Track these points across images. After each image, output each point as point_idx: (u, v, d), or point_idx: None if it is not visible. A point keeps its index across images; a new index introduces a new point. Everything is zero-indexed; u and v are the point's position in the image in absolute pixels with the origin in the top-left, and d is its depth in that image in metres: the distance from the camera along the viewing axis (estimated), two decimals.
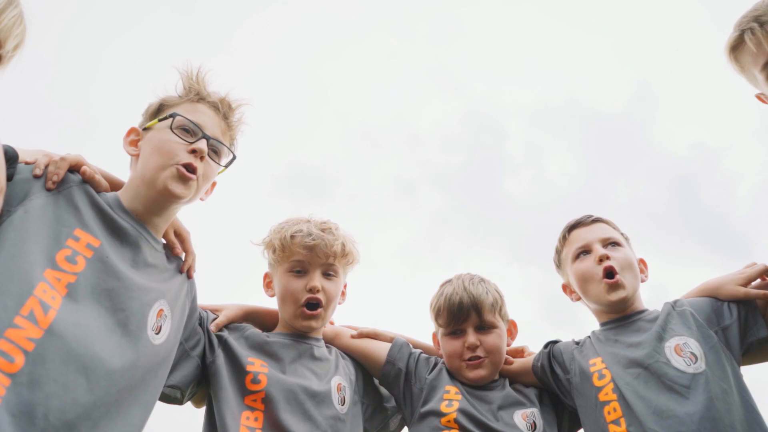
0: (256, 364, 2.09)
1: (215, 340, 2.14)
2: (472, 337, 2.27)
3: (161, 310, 1.81)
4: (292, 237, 2.26)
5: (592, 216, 2.41)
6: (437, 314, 2.37)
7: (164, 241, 1.98)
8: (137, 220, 1.82)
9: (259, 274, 2.45)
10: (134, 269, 1.76)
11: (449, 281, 2.44)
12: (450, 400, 2.18)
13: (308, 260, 2.25)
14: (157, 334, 1.77)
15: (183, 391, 2.03)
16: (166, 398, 1.99)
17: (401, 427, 2.46)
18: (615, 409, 1.99)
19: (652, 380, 1.98)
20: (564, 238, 2.44)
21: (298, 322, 2.24)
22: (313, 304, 2.23)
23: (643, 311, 2.25)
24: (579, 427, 2.31)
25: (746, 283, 2.14)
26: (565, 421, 2.31)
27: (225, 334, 2.18)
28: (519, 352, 2.46)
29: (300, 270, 2.26)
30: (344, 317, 2.55)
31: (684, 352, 2.00)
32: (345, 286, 2.44)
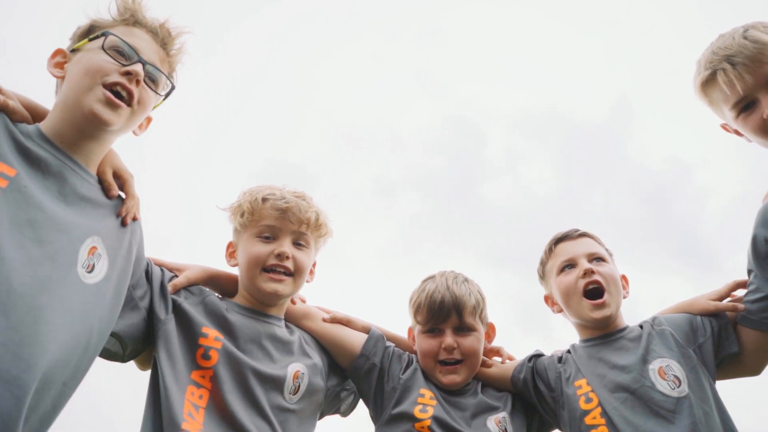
0: (209, 337, 1.94)
1: (169, 302, 1.97)
2: (449, 339, 2.21)
3: (94, 247, 1.65)
4: (263, 200, 2.13)
5: (578, 230, 2.44)
6: (416, 310, 2.30)
7: (96, 176, 1.78)
8: (61, 150, 1.64)
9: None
10: (62, 202, 1.60)
11: (432, 277, 2.37)
12: (424, 405, 2.12)
13: (279, 225, 2.11)
14: (89, 272, 1.62)
15: (124, 343, 1.87)
16: (106, 353, 1.86)
17: (353, 407, 2.38)
18: None
19: (639, 405, 2.00)
20: (550, 251, 2.46)
21: (262, 285, 2.07)
22: (279, 271, 2.09)
23: (624, 328, 2.28)
24: None
25: (718, 299, 2.22)
26: (533, 428, 2.31)
27: (181, 298, 2.01)
28: (495, 352, 2.44)
29: (269, 236, 2.11)
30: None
31: (668, 375, 2.04)
32: (314, 265, 2.31)
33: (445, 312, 2.23)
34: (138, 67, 1.71)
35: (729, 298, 2.24)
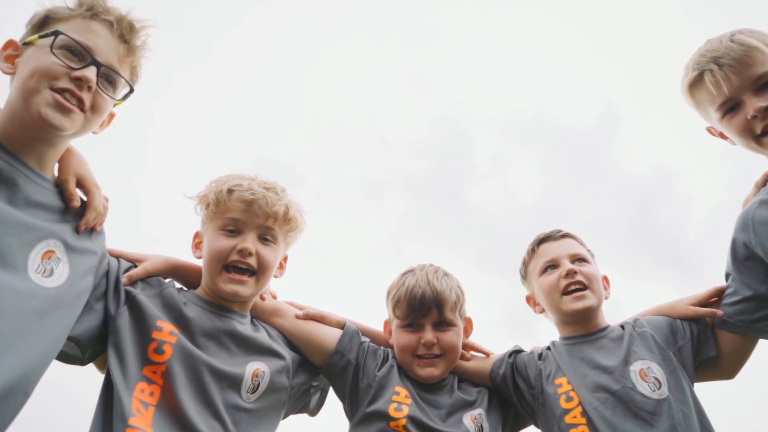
0: (164, 331, 1.84)
1: (122, 295, 1.85)
2: (429, 334, 2.18)
3: (50, 251, 1.56)
4: (229, 191, 2.01)
5: (561, 231, 2.45)
6: (395, 305, 2.25)
7: (53, 180, 1.68)
8: (11, 153, 1.53)
9: None
10: (11, 206, 1.50)
11: (411, 271, 2.32)
12: (399, 403, 2.08)
13: (244, 219, 2.00)
14: (46, 276, 1.53)
15: (83, 346, 1.77)
16: (64, 357, 1.77)
17: (320, 406, 2.31)
18: None
19: (619, 406, 2.02)
20: (532, 251, 2.46)
21: (222, 287, 1.97)
22: (241, 269, 1.99)
23: (605, 327, 2.29)
24: (520, 428, 2.36)
25: (697, 304, 2.25)
26: (508, 424, 2.30)
27: (136, 290, 1.90)
28: (471, 348, 2.42)
29: (233, 229, 2.01)
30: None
31: (648, 377, 2.05)
32: (285, 259, 2.23)
33: (426, 307, 2.19)
34: (90, 72, 1.58)
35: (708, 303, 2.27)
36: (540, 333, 2.43)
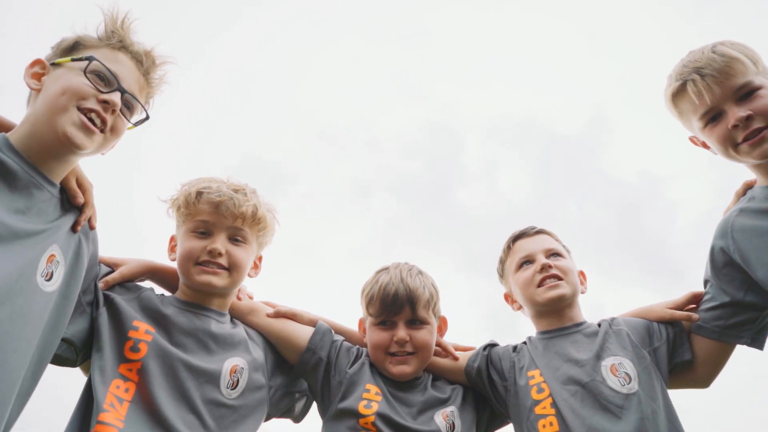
0: (140, 330, 1.91)
1: (101, 297, 1.93)
2: (402, 332, 2.19)
3: (53, 255, 1.66)
4: (198, 194, 2.08)
5: (535, 227, 2.48)
6: (369, 302, 2.26)
7: (58, 186, 1.77)
8: (29, 163, 1.63)
9: None
10: (23, 214, 1.59)
11: (386, 269, 2.34)
12: (369, 400, 2.09)
13: (213, 221, 2.06)
14: (47, 280, 1.62)
15: (77, 347, 1.86)
16: (57, 359, 1.84)
17: (305, 412, 2.33)
18: (551, 423, 2.05)
19: (589, 398, 2.05)
20: (508, 248, 2.50)
21: (195, 277, 2.03)
22: (213, 266, 2.04)
23: (581, 323, 2.32)
24: (496, 428, 2.37)
25: (675, 308, 2.29)
26: (483, 422, 2.31)
27: (114, 293, 1.97)
28: (446, 347, 2.41)
29: (204, 231, 2.07)
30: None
31: (619, 372, 2.09)
32: (260, 259, 2.27)
33: (399, 305, 2.20)
34: (116, 97, 1.71)
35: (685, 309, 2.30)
36: (524, 334, 2.45)
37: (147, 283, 2.18)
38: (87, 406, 1.77)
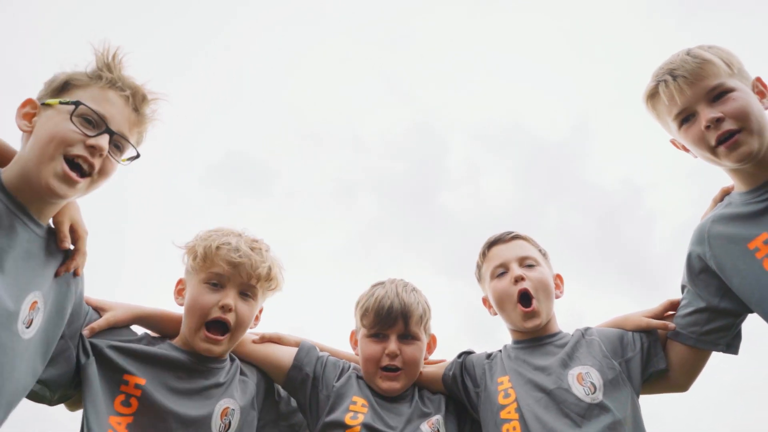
0: (130, 384, 1.92)
1: (88, 346, 1.93)
2: (393, 345, 2.24)
3: (35, 302, 1.65)
4: (217, 248, 2.10)
5: (511, 233, 2.46)
6: (363, 314, 2.32)
7: (47, 226, 1.77)
8: (15, 201, 1.63)
9: (175, 268, 2.22)
10: (8, 253, 1.58)
11: (382, 284, 2.40)
12: (356, 412, 2.14)
13: (228, 275, 2.09)
14: (27, 327, 1.62)
15: (51, 390, 1.86)
16: (34, 396, 1.84)
17: None
18: (515, 428, 2.07)
19: (552, 405, 2.06)
20: (484, 254, 2.48)
21: (199, 344, 2.05)
22: (221, 323, 2.07)
23: (555, 334, 2.33)
24: None
25: (652, 316, 2.29)
26: (466, 430, 2.33)
27: (101, 343, 1.95)
28: (432, 363, 2.46)
29: (216, 283, 2.09)
30: (273, 313, 2.46)
31: (585, 381, 2.09)
32: (261, 311, 2.31)
33: (393, 318, 2.25)
34: (103, 141, 1.69)
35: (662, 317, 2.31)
36: (504, 339, 2.46)
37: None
38: None
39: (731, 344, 2.15)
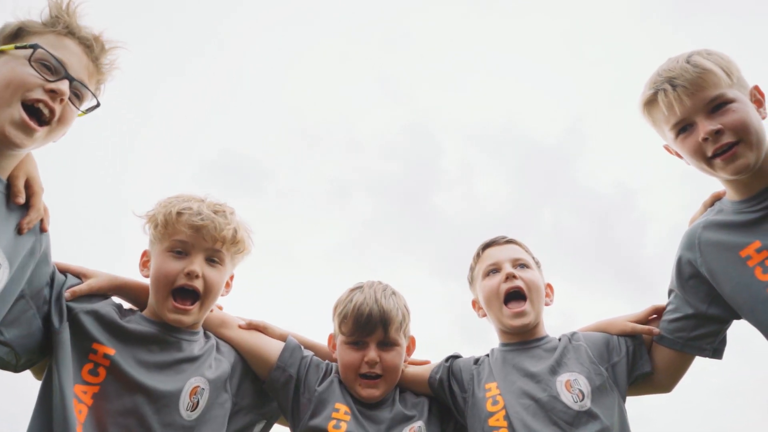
0: (98, 353, 1.85)
1: (64, 310, 1.86)
2: (373, 353, 2.20)
3: None
4: (178, 214, 2.01)
5: (506, 237, 2.48)
6: (342, 321, 2.26)
7: (6, 181, 1.70)
8: None
9: None
10: None
11: (360, 288, 2.34)
12: (338, 420, 2.10)
13: (192, 242, 2.01)
14: None
15: (18, 354, 1.79)
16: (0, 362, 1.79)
17: None
18: None
19: (540, 413, 2.05)
20: (478, 256, 2.49)
21: (166, 314, 1.99)
22: (188, 291, 1.99)
23: (543, 338, 2.33)
24: None
25: (636, 321, 2.30)
26: None
27: (79, 307, 1.90)
28: (413, 363, 2.44)
29: (181, 251, 2.01)
30: (264, 312, 2.44)
31: (573, 388, 2.09)
32: (232, 278, 2.24)
33: (372, 326, 2.20)
34: (64, 85, 1.63)
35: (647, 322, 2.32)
36: (496, 341, 2.46)
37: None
38: (47, 419, 1.72)
39: (717, 349, 2.16)
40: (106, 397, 1.81)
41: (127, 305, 2.12)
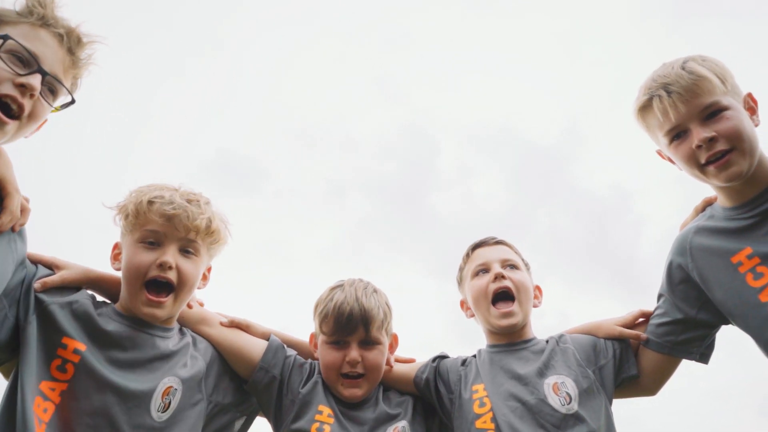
0: (68, 349, 1.77)
1: (32, 302, 1.78)
2: (354, 353, 2.16)
3: None
4: (149, 203, 1.92)
5: (495, 238, 2.48)
6: (322, 320, 2.22)
7: None
8: None
9: None
10: None
11: (340, 286, 2.29)
12: (322, 422, 2.07)
13: (164, 231, 1.92)
14: None
15: None
16: None
17: (244, 430, 2.26)
18: None
19: (528, 416, 2.06)
20: (467, 256, 2.50)
21: (139, 308, 1.90)
22: (162, 283, 1.92)
23: (530, 340, 2.33)
24: None
25: (623, 324, 2.30)
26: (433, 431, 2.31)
27: (50, 299, 1.82)
28: (397, 359, 2.41)
29: (153, 242, 1.92)
30: (259, 312, 2.44)
31: (560, 391, 2.10)
32: (209, 270, 2.17)
33: (353, 325, 2.16)
34: (35, 80, 1.55)
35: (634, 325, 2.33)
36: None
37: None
38: (10, 419, 1.65)
39: (704, 354, 2.17)
40: (75, 396, 1.73)
41: (100, 299, 2.03)
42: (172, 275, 1.91)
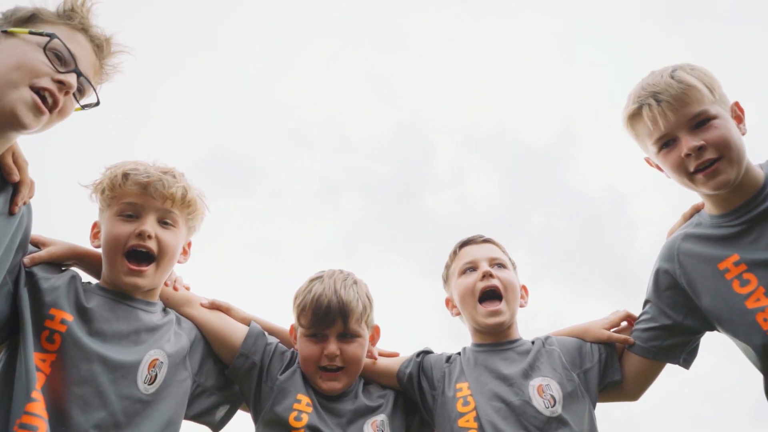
0: (55, 320, 1.82)
1: (23, 277, 1.84)
2: (333, 346, 2.14)
3: None
4: (124, 175, 1.98)
5: (483, 236, 2.48)
6: (300, 312, 2.20)
7: None
8: None
9: None
10: None
11: (320, 278, 2.26)
12: (300, 411, 2.06)
13: (141, 203, 1.97)
14: None
15: None
16: None
17: (226, 421, 2.24)
18: None
19: (511, 417, 2.06)
20: (454, 254, 2.49)
21: (121, 278, 1.94)
22: (142, 253, 1.95)
23: (516, 340, 2.33)
24: None
25: (610, 327, 2.32)
26: (413, 428, 2.29)
27: (39, 273, 1.88)
28: (380, 353, 2.41)
29: (131, 214, 1.97)
30: (253, 312, 2.42)
31: (545, 393, 2.10)
32: (189, 245, 2.20)
33: (331, 318, 2.14)
34: (72, 79, 1.63)
35: (624, 323, 2.35)
36: None
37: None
38: (8, 384, 1.71)
39: (687, 359, 2.19)
40: (63, 366, 1.77)
41: (86, 278, 2.08)
42: (152, 244, 1.95)
